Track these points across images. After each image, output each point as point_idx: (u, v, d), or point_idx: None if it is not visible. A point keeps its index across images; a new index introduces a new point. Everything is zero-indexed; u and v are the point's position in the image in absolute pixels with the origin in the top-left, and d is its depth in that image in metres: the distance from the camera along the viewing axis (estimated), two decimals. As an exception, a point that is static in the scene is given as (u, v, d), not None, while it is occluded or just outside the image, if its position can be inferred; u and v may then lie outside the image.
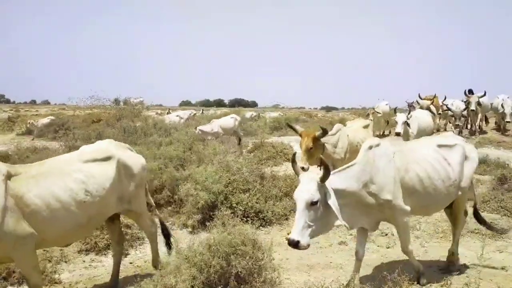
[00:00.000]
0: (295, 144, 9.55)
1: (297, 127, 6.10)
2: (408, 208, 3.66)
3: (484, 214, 5.96)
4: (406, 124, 8.37)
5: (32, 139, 15.50)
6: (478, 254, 3.71)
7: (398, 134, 8.52)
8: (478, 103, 12.26)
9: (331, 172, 3.35)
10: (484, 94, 12.50)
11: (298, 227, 3.07)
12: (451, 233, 5.37)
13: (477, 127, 13.46)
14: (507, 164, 8.39)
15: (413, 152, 3.91)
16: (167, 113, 19.04)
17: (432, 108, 11.30)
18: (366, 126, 7.37)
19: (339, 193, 3.31)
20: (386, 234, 5.44)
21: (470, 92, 13.16)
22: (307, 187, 3.16)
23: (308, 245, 3.14)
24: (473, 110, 12.39)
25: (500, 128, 13.50)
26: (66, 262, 4.57)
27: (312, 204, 3.12)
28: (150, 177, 6.17)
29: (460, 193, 4.10)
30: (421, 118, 9.23)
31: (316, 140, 5.55)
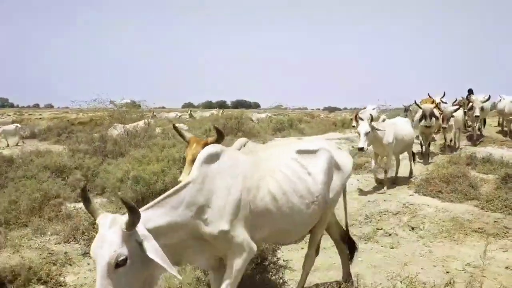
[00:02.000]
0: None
1: (185, 133, 4.10)
2: (253, 245, 2.74)
3: (489, 214, 5.96)
4: (373, 132, 7.04)
5: None
6: (481, 253, 3.70)
7: (361, 150, 6.95)
8: (481, 108, 11.20)
9: (149, 205, 2.43)
10: (489, 98, 11.62)
11: None
12: (454, 233, 5.38)
13: (479, 132, 12.43)
14: (511, 163, 8.33)
15: (266, 162, 3.07)
16: (153, 115, 20.22)
17: (436, 112, 10.29)
18: None
19: (164, 230, 2.39)
20: (390, 235, 5.43)
21: (470, 92, 12.42)
22: (107, 240, 2.11)
23: None
24: (477, 116, 11.17)
25: (503, 130, 12.82)
26: (71, 265, 4.59)
27: (118, 266, 2.09)
28: (153, 180, 6.20)
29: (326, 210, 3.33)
30: (399, 125, 8.02)
31: None
